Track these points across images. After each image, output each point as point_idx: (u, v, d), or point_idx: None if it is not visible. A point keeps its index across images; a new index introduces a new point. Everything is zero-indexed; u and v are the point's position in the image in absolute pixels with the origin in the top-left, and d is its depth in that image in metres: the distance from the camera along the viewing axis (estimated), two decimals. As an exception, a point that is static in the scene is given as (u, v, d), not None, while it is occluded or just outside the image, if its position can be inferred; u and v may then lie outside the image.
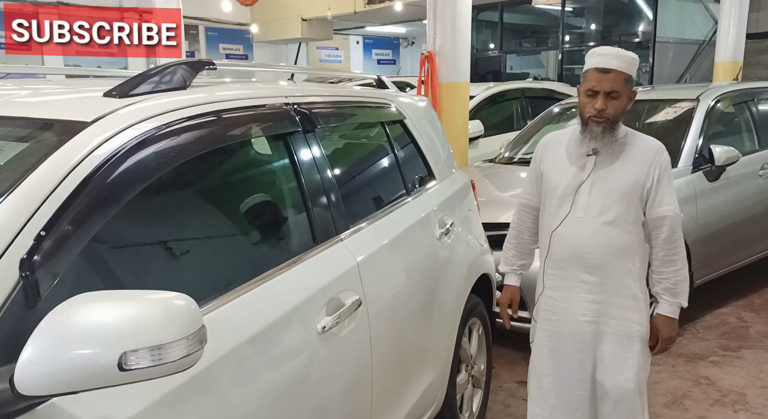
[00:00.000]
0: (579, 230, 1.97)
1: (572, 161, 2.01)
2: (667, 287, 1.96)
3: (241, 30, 13.67)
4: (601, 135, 1.92)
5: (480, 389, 2.73)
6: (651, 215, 1.95)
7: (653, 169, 1.93)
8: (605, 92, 1.87)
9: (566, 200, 1.99)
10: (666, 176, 1.95)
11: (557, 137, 2.12)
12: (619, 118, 1.93)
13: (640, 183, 1.94)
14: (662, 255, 1.96)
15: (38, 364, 0.89)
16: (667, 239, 1.94)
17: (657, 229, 1.95)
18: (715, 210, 3.96)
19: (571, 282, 2.00)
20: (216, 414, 1.23)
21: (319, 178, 1.77)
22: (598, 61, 1.89)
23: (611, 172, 1.95)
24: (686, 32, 11.60)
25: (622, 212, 1.94)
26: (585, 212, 1.96)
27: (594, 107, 1.89)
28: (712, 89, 4.47)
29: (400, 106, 2.51)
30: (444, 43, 5.17)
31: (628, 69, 1.89)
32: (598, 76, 1.88)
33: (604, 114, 1.88)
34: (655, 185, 1.93)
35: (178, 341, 0.94)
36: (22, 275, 0.99)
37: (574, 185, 1.98)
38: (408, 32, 16.27)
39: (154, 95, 1.41)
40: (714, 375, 3.28)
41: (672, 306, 1.97)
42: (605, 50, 1.91)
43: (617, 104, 1.89)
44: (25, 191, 1.06)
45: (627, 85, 1.90)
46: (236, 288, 1.38)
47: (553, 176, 2.05)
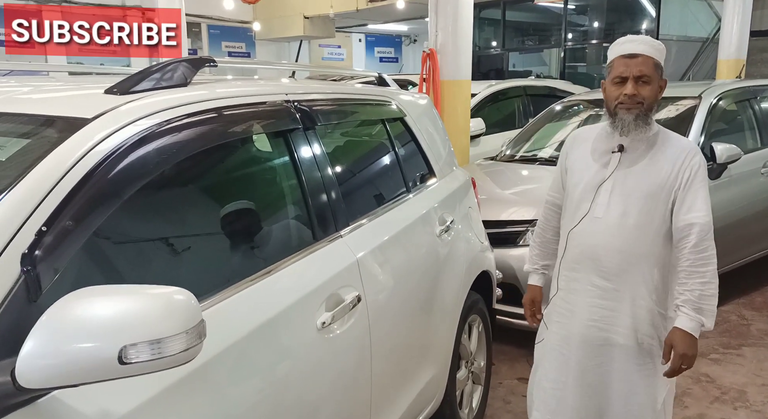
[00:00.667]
0: (596, 231, 1.84)
1: (596, 157, 1.89)
2: (689, 299, 1.74)
3: (243, 28, 13.68)
4: (633, 124, 1.77)
5: (480, 385, 2.74)
6: (678, 221, 1.78)
7: (683, 171, 1.78)
8: (635, 77, 1.75)
9: (586, 199, 1.87)
10: (699, 179, 1.78)
11: (585, 133, 2.00)
12: (653, 105, 1.79)
13: (668, 185, 1.79)
14: (687, 265, 1.75)
15: (39, 357, 0.91)
16: (694, 249, 1.74)
17: (684, 237, 1.76)
18: (717, 208, 3.87)
19: (584, 286, 1.89)
20: (215, 409, 1.24)
21: (320, 175, 1.78)
22: (624, 49, 1.78)
23: (636, 171, 1.81)
24: (689, 30, 11.57)
25: (645, 215, 1.80)
26: (604, 212, 1.83)
27: (624, 93, 1.76)
28: (714, 87, 4.47)
29: (400, 103, 2.51)
30: (446, 40, 5.17)
31: (655, 54, 1.78)
32: (626, 62, 1.76)
33: (636, 98, 1.75)
34: (685, 188, 1.78)
35: (177, 335, 0.95)
36: (24, 269, 1.00)
37: (595, 182, 1.86)
38: (410, 30, 16.26)
39: (155, 92, 1.42)
40: (714, 372, 3.29)
41: (692, 322, 1.73)
42: (630, 38, 1.81)
43: (650, 89, 1.76)
44: (26, 187, 1.07)
45: (657, 71, 1.78)
46: (236, 284, 1.39)
47: (575, 172, 1.94)
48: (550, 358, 2.01)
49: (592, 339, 1.91)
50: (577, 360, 1.94)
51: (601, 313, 1.88)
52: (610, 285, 1.86)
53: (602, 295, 1.88)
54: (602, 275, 1.87)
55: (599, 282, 1.87)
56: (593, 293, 1.89)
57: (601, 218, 1.85)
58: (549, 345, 2.02)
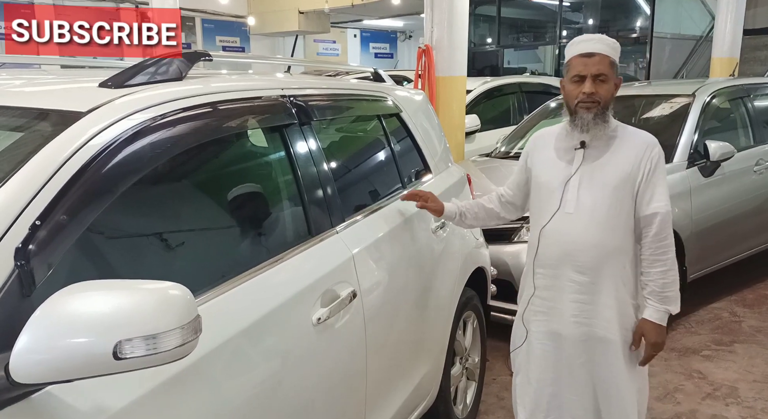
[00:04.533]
0: (570, 228, 1.88)
1: (560, 155, 1.94)
2: (654, 290, 1.85)
3: (237, 22, 13.61)
4: (592, 122, 1.83)
5: (474, 381, 2.75)
6: (641, 212, 1.86)
7: (644, 163, 1.84)
8: (593, 75, 1.81)
9: (554, 196, 1.91)
10: (658, 170, 1.86)
11: (546, 133, 2.04)
12: (609, 103, 1.85)
13: (631, 178, 1.85)
14: (649, 254, 1.85)
15: (33, 352, 0.90)
16: (655, 238, 1.84)
17: (647, 227, 1.85)
18: (710, 206, 3.97)
19: (563, 282, 1.92)
20: (210, 404, 1.23)
21: (315, 170, 1.78)
22: (581, 48, 1.83)
23: (600, 166, 1.87)
24: (683, 28, 11.60)
25: (614, 208, 1.85)
26: (575, 208, 1.87)
27: (582, 91, 1.82)
28: (708, 85, 4.48)
29: (396, 99, 2.51)
30: (441, 37, 5.16)
31: (611, 53, 1.83)
32: (584, 61, 1.82)
33: (594, 97, 1.81)
34: (646, 180, 1.84)
35: (172, 330, 0.94)
36: (17, 264, 0.99)
37: (562, 179, 1.90)
38: (405, 26, 16.23)
39: (149, 86, 1.41)
40: (706, 369, 3.31)
41: (659, 312, 1.85)
42: (586, 37, 1.86)
43: (607, 87, 1.83)
44: (20, 181, 1.06)
45: (613, 70, 1.84)
46: (232, 279, 1.38)
47: (541, 171, 1.98)
48: (534, 358, 2.01)
49: (577, 335, 1.93)
50: (565, 357, 1.96)
51: (582, 308, 1.91)
52: (587, 279, 1.89)
53: (581, 290, 1.91)
54: (579, 270, 1.90)
55: (577, 277, 1.90)
56: (573, 289, 1.91)
57: (572, 213, 1.89)
58: (532, 344, 2.02)
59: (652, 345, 1.88)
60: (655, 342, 1.87)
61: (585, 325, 1.92)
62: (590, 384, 1.95)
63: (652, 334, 1.87)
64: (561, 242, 1.91)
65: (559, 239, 1.91)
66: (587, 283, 1.89)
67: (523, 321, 2.04)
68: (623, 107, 4.82)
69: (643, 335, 1.89)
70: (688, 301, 4.09)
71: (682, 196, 3.81)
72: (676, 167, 3.89)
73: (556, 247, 1.92)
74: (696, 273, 4.00)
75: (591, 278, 1.89)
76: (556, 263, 1.93)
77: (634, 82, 8.36)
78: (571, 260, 1.90)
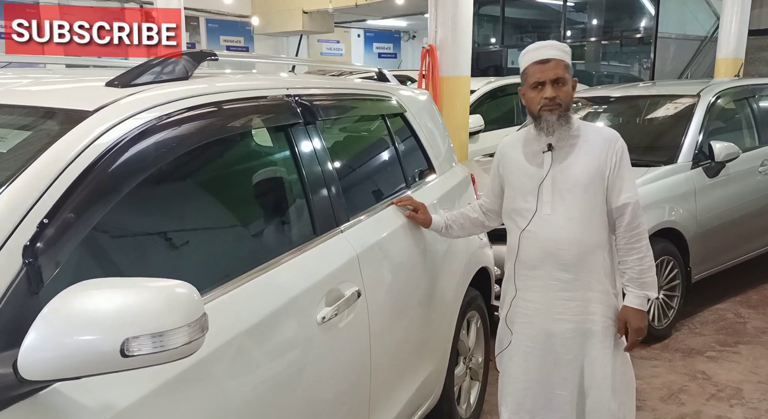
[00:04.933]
0: (549, 228, 1.94)
1: (529, 160, 2.00)
2: (632, 277, 1.94)
3: (242, 22, 13.63)
4: (557, 123, 1.90)
5: (478, 381, 2.75)
6: (612, 204, 1.94)
7: (610, 158, 1.92)
8: (551, 81, 1.89)
9: (530, 199, 1.97)
10: (623, 163, 1.94)
11: (513, 140, 2.11)
12: (570, 104, 1.94)
13: (600, 173, 1.92)
14: (624, 243, 1.94)
15: (41, 349, 0.91)
16: (628, 227, 1.92)
17: (619, 218, 1.94)
18: (715, 206, 3.96)
19: (546, 281, 1.97)
20: (215, 402, 1.24)
21: (320, 170, 1.78)
22: (536, 55, 1.91)
23: (569, 165, 1.94)
24: (688, 28, 11.56)
25: (588, 205, 1.93)
26: (551, 209, 1.94)
27: (544, 96, 1.89)
28: (713, 85, 4.47)
29: (400, 99, 2.51)
30: (445, 36, 5.16)
31: (564, 57, 1.91)
32: (541, 68, 1.90)
33: (556, 100, 1.89)
34: (614, 173, 1.92)
35: (179, 328, 0.95)
36: (25, 261, 1.00)
37: (535, 183, 1.97)
38: (409, 26, 16.23)
39: (156, 85, 1.41)
40: (710, 369, 3.30)
41: (639, 298, 1.94)
42: (539, 44, 1.94)
43: (566, 90, 1.91)
44: (28, 179, 1.07)
45: (568, 72, 1.92)
46: (237, 278, 1.39)
47: (513, 178, 2.05)
48: (519, 359, 2.04)
49: (563, 332, 1.98)
50: (552, 355, 1.99)
51: (566, 305, 1.96)
52: (570, 276, 1.96)
53: (564, 287, 1.96)
54: (562, 268, 1.95)
55: (560, 275, 1.96)
56: (555, 287, 1.97)
57: (550, 214, 1.95)
58: (515, 346, 2.06)
59: (635, 330, 1.96)
60: (637, 327, 1.95)
61: (571, 321, 1.97)
62: (580, 378, 1.99)
63: (634, 320, 1.95)
64: (542, 242, 1.96)
65: (540, 240, 1.96)
66: (571, 280, 1.95)
67: (506, 323, 2.09)
68: (628, 107, 4.83)
69: (626, 321, 1.96)
70: (693, 302, 4.10)
71: (687, 197, 3.80)
72: (681, 167, 3.87)
73: (538, 248, 1.97)
74: (700, 274, 3.98)
75: (574, 274, 1.95)
76: (539, 263, 1.98)
77: (638, 82, 8.37)
78: (553, 259, 1.95)
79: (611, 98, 4.94)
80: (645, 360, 3.41)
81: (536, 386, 2.02)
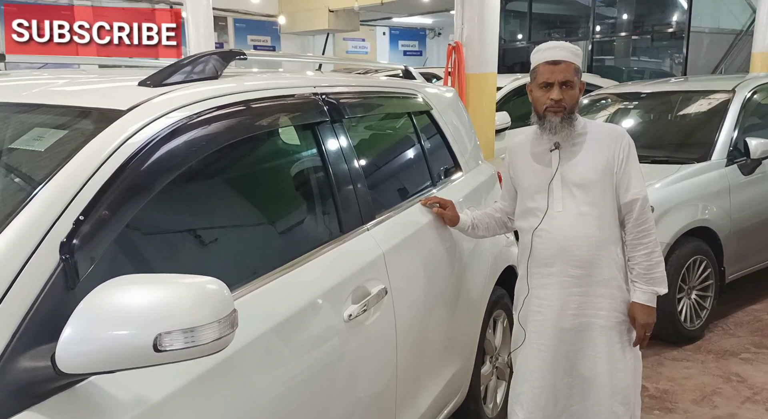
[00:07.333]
0: (561, 225, 1.96)
1: (537, 159, 2.02)
2: (640, 273, 1.95)
3: (268, 21, 13.75)
4: (560, 125, 1.92)
5: (504, 381, 2.73)
6: (621, 200, 1.95)
7: (617, 154, 1.94)
8: (560, 83, 1.90)
9: (541, 198, 1.99)
10: (631, 159, 1.96)
11: (521, 141, 2.13)
12: (575, 108, 1.95)
13: (609, 169, 1.94)
14: (631, 238, 1.96)
15: (77, 343, 0.93)
16: (635, 222, 1.94)
17: (628, 213, 1.95)
18: (750, 204, 3.86)
19: (559, 278, 1.98)
20: (243, 398, 1.25)
21: (347, 168, 1.79)
22: (547, 55, 1.92)
23: (577, 162, 1.96)
24: (722, 22, 11.27)
25: (598, 201, 1.94)
26: (563, 206, 1.96)
27: (550, 98, 1.91)
28: (748, 80, 4.36)
29: (427, 96, 2.50)
30: (471, 33, 5.12)
31: (575, 60, 1.93)
32: (550, 69, 1.91)
33: (561, 103, 1.90)
34: (622, 169, 1.94)
35: (210, 324, 0.97)
36: (62, 257, 1.02)
37: (544, 181, 1.98)
38: (435, 23, 16.15)
39: (186, 85, 1.44)
40: (745, 372, 3.22)
41: (646, 294, 1.95)
42: (551, 44, 1.95)
43: (572, 94, 1.93)
44: (64, 177, 1.10)
45: (577, 75, 1.94)
46: (265, 275, 1.40)
47: (522, 177, 2.07)
48: (532, 357, 2.05)
49: (574, 327, 1.99)
50: (565, 351, 2.01)
51: (578, 300, 1.98)
52: (584, 273, 1.97)
53: (578, 283, 1.97)
54: (576, 265, 1.96)
55: (573, 272, 1.97)
56: (570, 283, 1.98)
57: (561, 211, 1.97)
58: (529, 344, 2.06)
59: (642, 325, 1.96)
60: (645, 322, 1.96)
61: (583, 316, 1.98)
62: (592, 373, 2.00)
63: (641, 315, 1.95)
64: (555, 240, 1.97)
65: (553, 238, 1.97)
66: (584, 276, 1.96)
67: (520, 322, 2.11)
68: (660, 103, 4.73)
69: (634, 317, 1.97)
70: (727, 302, 4.01)
71: (721, 194, 3.72)
72: (715, 164, 3.79)
73: (551, 246, 1.98)
74: (735, 274, 3.89)
75: (587, 270, 1.96)
76: (552, 260, 1.99)
77: (670, 78, 8.19)
78: (566, 256, 1.96)
79: (642, 94, 4.85)
80: (677, 362, 3.35)
81: (550, 383, 2.03)
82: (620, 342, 2.00)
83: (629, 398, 2.03)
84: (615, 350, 1.99)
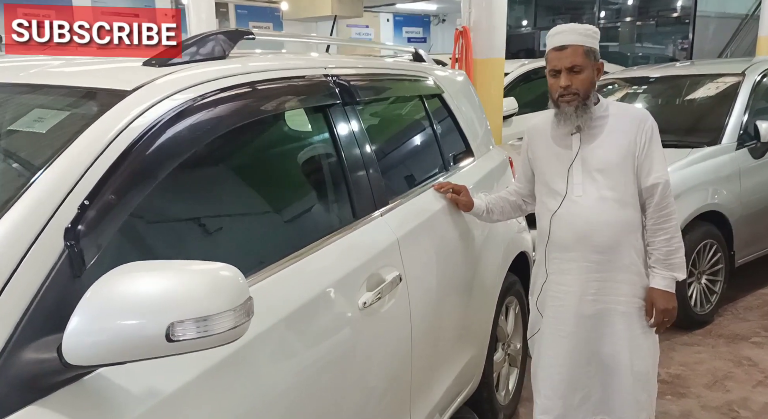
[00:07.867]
0: (581, 210, 1.91)
1: (557, 142, 1.97)
2: (659, 258, 1.91)
3: (270, 7, 13.60)
4: (575, 114, 1.87)
5: (516, 368, 2.70)
6: (642, 184, 1.91)
7: (639, 137, 1.89)
8: (566, 68, 1.85)
9: (560, 182, 1.94)
10: (653, 142, 1.90)
11: (541, 122, 2.07)
12: (590, 91, 1.88)
13: (630, 153, 1.89)
14: (652, 223, 1.92)
15: (85, 334, 0.88)
16: (656, 207, 1.89)
17: (649, 198, 1.91)
18: (760, 188, 3.83)
19: (579, 264, 1.94)
20: (258, 388, 1.21)
21: (359, 152, 1.73)
22: (554, 41, 1.87)
23: (598, 146, 1.91)
24: (728, 6, 11.13)
25: (619, 185, 1.90)
26: (583, 190, 1.91)
27: (559, 85, 1.86)
28: (758, 63, 4.30)
29: (438, 79, 2.44)
30: (479, 18, 5.04)
31: (585, 41, 1.85)
32: (557, 55, 1.86)
33: (570, 90, 1.85)
34: (644, 153, 1.89)
35: (224, 312, 0.91)
36: (67, 244, 0.97)
37: (564, 165, 1.94)
38: (439, 9, 15.98)
39: (193, 64, 1.38)
40: (757, 356, 3.19)
41: (665, 280, 1.92)
42: (559, 28, 1.89)
43: (582, 78, 1.85)
44: (68, 159, 1.04)
45: (589, 57, 1.86)
46: (276, 263, 1.35)
47: (542, 160, 2.02)
48: (551, 343, 2.02)
49: (593, 313, 1.95)
50: (576, 334, 1.97)
51: (597, 285, 1.94)
52: (604, 258, 1.92)
53: (597, 268, 1.93)
54: (596, 250, 1.92)
55: (594, 257, 1.93)
56: (590, 269, 1.94)
57: (581, 195, 1.92)
58: (546, 330, 2.03)
59: (661, 311, 1.93)
60: (664, 308, 1.92)
61: (603, 302, 1.94)
62: (614, 360, 1.97)
63: (660, 301, 1.92)
64: (574, 225, 1.93)
65: (573, 223, 1.93)
66: (604, 261, 1.92)
67: (537, 307, 2.07)
68: (668, 87, 4.66)
69: (653, 303, 1.93)
70: (737, 286, 3.97)
71: (731, 178, 3.68)
72: (725, 148, 3.74)
73: (570, 231, 1.93)
74: (745, 258, 3.86)
75: (608, 256, 1.92)
76: (572, 245, 1.94)
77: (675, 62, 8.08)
78: (586, 241, 1.92)
79: (651, 78, 4.77)
80: (687, 346, 3.32)
81: (569, 369, 2.00)
82: (641, 327, 1.97)
83: (650, 384, 2.01)
84: (636, 335, 1.96)
